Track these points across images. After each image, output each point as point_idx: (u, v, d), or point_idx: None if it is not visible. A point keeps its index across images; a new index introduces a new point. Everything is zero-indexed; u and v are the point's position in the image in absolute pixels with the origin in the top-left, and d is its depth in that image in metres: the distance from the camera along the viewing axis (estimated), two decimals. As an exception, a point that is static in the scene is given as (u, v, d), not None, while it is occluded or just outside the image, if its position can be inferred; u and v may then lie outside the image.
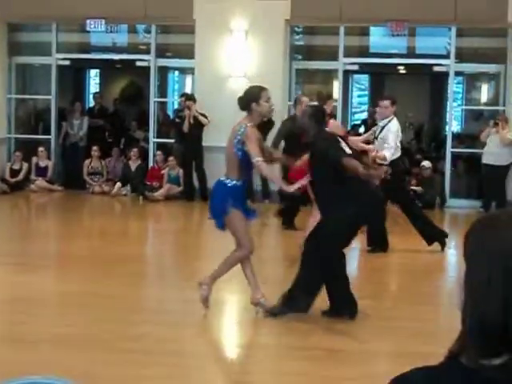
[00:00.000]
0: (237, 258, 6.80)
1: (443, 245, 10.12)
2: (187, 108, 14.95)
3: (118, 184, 15.73)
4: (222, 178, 6.82)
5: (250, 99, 6.71)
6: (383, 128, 9.88)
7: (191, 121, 14.88)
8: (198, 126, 14.91)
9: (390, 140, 9.72)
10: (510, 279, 1.45)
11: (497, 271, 1.46)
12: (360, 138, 10.62)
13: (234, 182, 6.70)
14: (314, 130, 6.93)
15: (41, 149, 16.18)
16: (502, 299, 1.45)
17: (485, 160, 14.27)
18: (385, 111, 9.93)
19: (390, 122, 9.88)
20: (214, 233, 11.80)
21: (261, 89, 6.83)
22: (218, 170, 15.21)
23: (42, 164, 16.17)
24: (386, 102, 9.93)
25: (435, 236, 10.17)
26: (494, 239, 1.49)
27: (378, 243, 10.02)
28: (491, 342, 1.46)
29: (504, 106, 15.04)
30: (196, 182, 15.20)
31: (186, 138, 15.03)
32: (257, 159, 6.45)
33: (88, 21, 15.72)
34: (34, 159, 16.15)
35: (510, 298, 1.44)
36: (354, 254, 10.06)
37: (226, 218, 6.67)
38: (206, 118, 14.85)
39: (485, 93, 19.08)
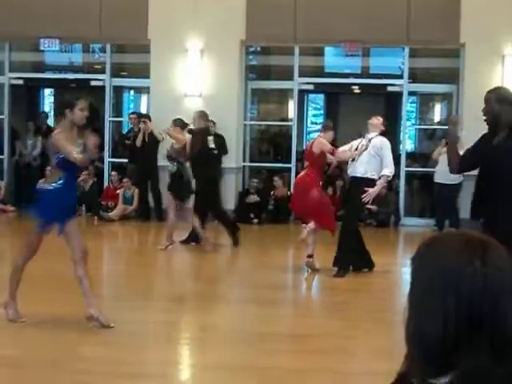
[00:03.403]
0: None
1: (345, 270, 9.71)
2: (143, 123, 14.88)
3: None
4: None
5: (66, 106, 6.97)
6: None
7: (146, 138, 14.82)
8: (152, 144, 14.82)
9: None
10: (449, 294, 1.47)
11: (436, 287, 1.49)
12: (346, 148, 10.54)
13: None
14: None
15: (-7, 169, 16.02)
16: (442, 314, 1.47)
17: (436, 179, 14.39)
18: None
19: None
20: (171, 253, 11.67)
21: (78, 98, 7.11)
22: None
23: (-5, 184, 15.98)
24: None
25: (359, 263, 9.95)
26: (433, 257, 1.53)
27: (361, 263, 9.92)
28: (434, 360, 1.47)
29: (456, 125, 15.23)
30: (151, 202, 15.13)
31: (141, 156, 14.94)
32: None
33: (42, 40, 15.62)
34: (-13, 179, 15.97)
35: (449, 313, 1.46)
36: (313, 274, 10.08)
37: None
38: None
39: (438, 112, 19.35)
